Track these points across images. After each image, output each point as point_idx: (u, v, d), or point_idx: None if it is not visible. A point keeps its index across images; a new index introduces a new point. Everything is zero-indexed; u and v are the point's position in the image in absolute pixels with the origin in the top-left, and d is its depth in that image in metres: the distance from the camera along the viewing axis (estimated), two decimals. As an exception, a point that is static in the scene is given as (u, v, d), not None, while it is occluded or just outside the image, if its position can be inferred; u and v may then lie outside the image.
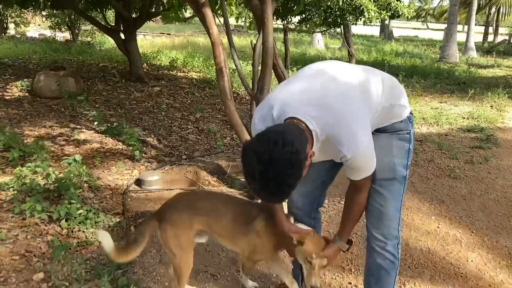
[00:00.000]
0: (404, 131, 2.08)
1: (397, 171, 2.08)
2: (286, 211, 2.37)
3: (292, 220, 2.29)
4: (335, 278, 2.97)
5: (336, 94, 1.83)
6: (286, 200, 2.40)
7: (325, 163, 2.20)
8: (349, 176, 1.96)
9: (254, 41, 4.05)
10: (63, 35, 16.31)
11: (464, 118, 7.73)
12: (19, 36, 17.02)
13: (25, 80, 7.53)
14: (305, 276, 2.19)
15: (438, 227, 3.75)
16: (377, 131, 2.05)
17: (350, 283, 2.92)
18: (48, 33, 16.85)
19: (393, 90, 2.03)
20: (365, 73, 2.01)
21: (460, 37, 19.31)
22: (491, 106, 8.74)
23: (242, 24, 19.61)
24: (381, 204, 2.12)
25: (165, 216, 2.36)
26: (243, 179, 4.11)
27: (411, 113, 2.13)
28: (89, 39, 15.35)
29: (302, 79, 1.95)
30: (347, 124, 1.78)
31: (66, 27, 15.41)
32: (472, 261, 3.25)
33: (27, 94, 7.14)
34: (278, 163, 1.59)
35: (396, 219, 2.16)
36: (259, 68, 3.87)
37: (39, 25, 21.75)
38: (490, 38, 28.95)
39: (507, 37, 25.89)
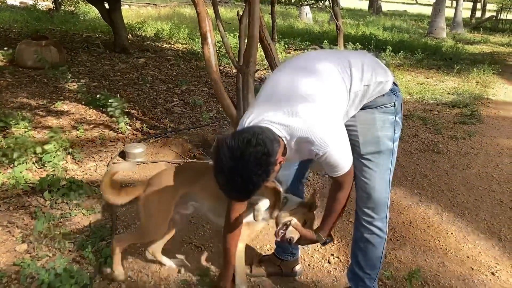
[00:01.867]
0: (388, 104, 2.05)
1: (382, 144, 2.08)
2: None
3: (281, 189, 2.28)
4: (318, 250, 3.01)
5: (301, 100, 1.81)
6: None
7: None
8: (328, 173, 1.96)
9: (241, 13, 3.98)
10: (45, 4, 15.82)
11: (449, 93, 7.79)
12: (-1, 4, 16.51)
13: (5, 49, 7.34)
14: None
15: (420, 201, 3.81)
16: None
17: (333, 255, 2.97)
18: (29, 1, 16.35)
19: (365, 71, 1.97)
20: (331, 66, 1.95)
21: (449, 12, 19.27)
22: (477, 82, 8.80)
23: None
24: (368, 178, 2.12)
25: (152, 181, 2.41)
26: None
27: (395, 84, 2.10)
28: (72, 8, 14.94)
29: (269, 90, 1.94)
30: (314, 127, 1.77)
31: (48, -5, 14.99)
32: (452, 233, 3.32)
33: (8, 63, 6.97)
34: (249, 161, 1.65)
35: (384, 193, 2.16)
36: (246, 41, 3.82)
37: (20, -7, 21.10)
38: (478, 14, 28.95)
39: (494, 14, 25.94)
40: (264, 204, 2.13)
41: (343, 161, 1.88)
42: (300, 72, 1.94)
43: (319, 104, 1.82)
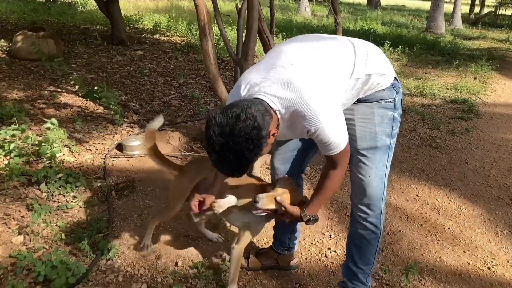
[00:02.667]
0: (388, 99, 2.03)
1: (379, 140, 2.06)
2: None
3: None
4: (315, 244, 3.02)
5: (299, 72, 1.79)
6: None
7: None
8: (322, 152, 1.92)
9: (240, 5, 3.97)
10: (42, -5, 15.71)
11: (447, 89, 7.78)
12: (-5, -5, 16.37)
13: (2, 40, 7.29)
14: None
15: (418, 195, 3.81)
16: (358, 101, 2.03)
17: (329, 249, 2.97)
18: (26, -8, 16.22)
19: (369, 59, 1.96)
20: (333, 47, 1.95)
21: (447, 7, 19.24)
22: (475, 78, 8.79)
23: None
24: (363, 174, 2.10)
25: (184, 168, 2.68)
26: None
27: (397, 80, 2.08)
28: (69, -1, 14.85)
29: (270, 58, 1.92)
30: (308, 100, 1.74)
31: (45, -14, 14.85)
32: (449, 228, 3.33)
33: (4, 55, 6.92)
34: (239, 137, 1.63)
35: (379, 190, 2.13)
36: (244, 34, 3.80)
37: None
38: (477, 9, 28.91)
39: (493, 9, 25.92)
40: (229, 201, 2.21)
41: (337, 139, 1.83)
42: (306, 46, 1.93)
43: (318, 79, 1.79)
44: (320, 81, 1.80)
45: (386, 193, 2.19)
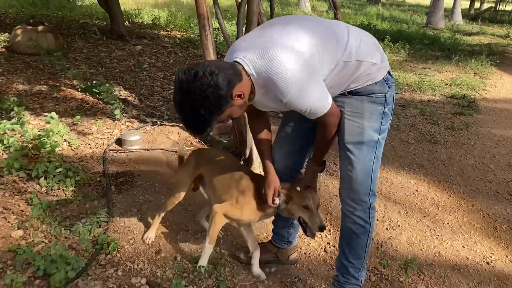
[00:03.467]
0: (379, 94, 2.02)
1: (366, 135, 2.05)
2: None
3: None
4: (314, 239, 3.02)
5: (277, 40, 1.83)
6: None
7: (304, 125, 2.19)
8: (307, 116, 1.97)
9: (239, 0, 3.94)
10: (41, -11, 15.64)
11: (447, 84, 7.77)
12: (-6, -11, 16.29)
13: (1, 34, 7.26)
14: (308, 222, 2.22)
15: (417, 191, 3.81)
16: (350, 93, 2.02)
17: (329, 243, 2.98)
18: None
19: (362, 45, 1.95)
20: (325, 26, 1.97)
21: (447, 3, 19.19)
22: (474, 73, 8.79)
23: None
24: (349, 169, 2.11)
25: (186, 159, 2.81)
26: (226, 141, 4.11)
27: (390, 74, 2.07)
28: (68, -6, 14.78)
29: (257, 29, 2.04)
30: (278, 70, 1.77)
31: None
32: (448, 223, 3.33)
33: (3, 49, 6.90)
34: (194, 94, 1.72)
35: (366, 184, 2.12)
36: (244, 28, 3.78)
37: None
38: (477, 5, 28.82)
39: (493, 5, 25.84)
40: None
41: (314, 106, 1.88)
42: (296, 21, 1.96)
43: (297, 49, 1.81)
44: (300, 52, 1.81)
45: (376, 188, 2.19)
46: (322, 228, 2.19)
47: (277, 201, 2.25)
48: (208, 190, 2.73)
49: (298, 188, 2.27)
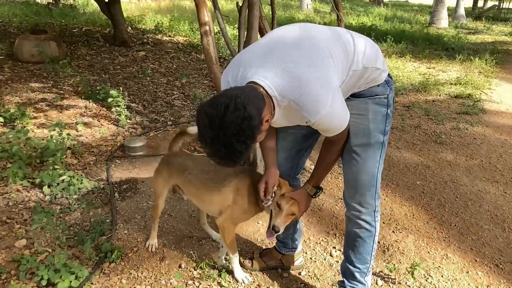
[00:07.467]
0: (382, 96, 2.00)
1: (372, 136, 2.02)
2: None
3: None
4: (320, 243, 2.99)
5: (297, 58, 1.73)
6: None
7: (301, 130, 2.17)
8: (323, 134, 1.93)
9: (240, 4, 3.93)
10: (44, -3, 15.77)
11: (451, 84, 7.72)
12: (-2, -2, 16.42)
13: (6, 42, 7.30)
14: (272, 218, 2.17)
15: (423, 192, 3.77)
16: (353, 96, 2.00)
17: (335, 248, 2.94)
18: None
19: (367, 52, 1.92)
20: (334, 37, 1.90)
21: (450, 2, 19.11)
22: (479, 72, 8.72)
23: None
24: (356, 172, 2.07)
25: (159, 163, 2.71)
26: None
27: (390, 76, 2.05)
28: (71, 1, 14.88)
29: (267, 42, 1.88)
30: (307, 88, 1.69)
31: (47, -11, 14.90)
32: (455, 225, 3.29)
33: (7, 58, 6.93)
34: (229, 129, 1.58)
35: (372, 187, 2.09)
36: (245, 32, 3.77)
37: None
38: (481, 3, 28.72)
39: (497, 3, 25.73)
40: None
41: (337, 124, 1.85)
42: (307, 32, 1.88)
43: (320, 68, 1.74)
44: (323, 69, 1.75)
45: (380, 191, 2.16)
46: (274, 228, 2.11)
47: (269, 197, 2.17)
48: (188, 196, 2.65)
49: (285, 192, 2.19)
